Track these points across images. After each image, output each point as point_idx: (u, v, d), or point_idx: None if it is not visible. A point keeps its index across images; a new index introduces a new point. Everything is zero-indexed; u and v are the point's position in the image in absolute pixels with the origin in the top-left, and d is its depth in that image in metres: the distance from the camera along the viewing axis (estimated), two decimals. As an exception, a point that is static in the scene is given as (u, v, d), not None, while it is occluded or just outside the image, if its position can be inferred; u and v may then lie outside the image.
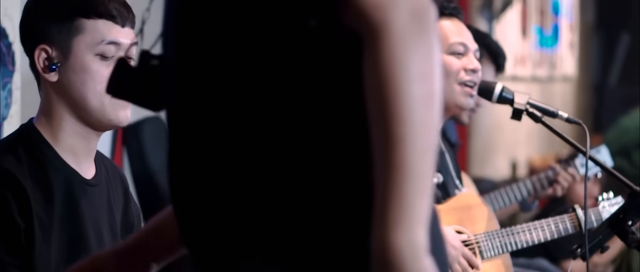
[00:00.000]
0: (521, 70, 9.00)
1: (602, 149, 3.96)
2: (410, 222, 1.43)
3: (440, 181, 3.08)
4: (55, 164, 2.36)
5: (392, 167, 1.44)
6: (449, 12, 3.06)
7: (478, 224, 3.07)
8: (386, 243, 1.43)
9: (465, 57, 3.04)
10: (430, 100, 1.48)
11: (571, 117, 3.00)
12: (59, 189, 2.34)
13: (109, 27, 2.37)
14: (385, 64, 1.46)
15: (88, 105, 2.35)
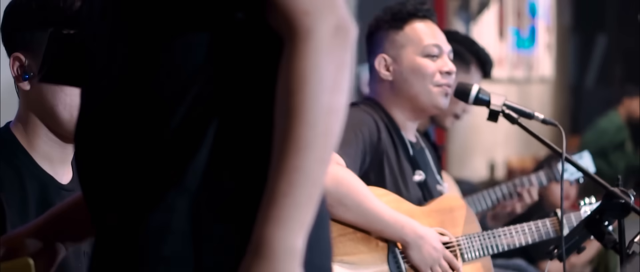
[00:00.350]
0: (498, 72, 9.03)
1: (585, 155, 3.98)
2: (293, 225, 1.50)
3: (422, 178, 3.09)
4: (31, 169, 2.34)
5: (289, 168, 1.51)
6: (422, 14, 3.10)
7: (459, 227, 3.08)
8: (265, 237, 1.49)
9: (440, 59, 3.08)
10: (337, 113, 1.56)
11: (547, 118, 3.02)
12: (34, 194, 2.32)
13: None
14: (302, 68, 1.52)
15: (58, 117, 2.33)
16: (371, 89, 3.15)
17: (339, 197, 2.80)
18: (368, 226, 2.87)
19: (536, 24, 10.34)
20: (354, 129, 2.93)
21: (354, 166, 2.88)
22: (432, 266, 2.93)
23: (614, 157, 8.83)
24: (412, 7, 3.10)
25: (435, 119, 3.94)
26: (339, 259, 2.84)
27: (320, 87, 1.52)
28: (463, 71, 3.88)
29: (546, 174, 3.83)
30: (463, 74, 3.84)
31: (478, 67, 3.92)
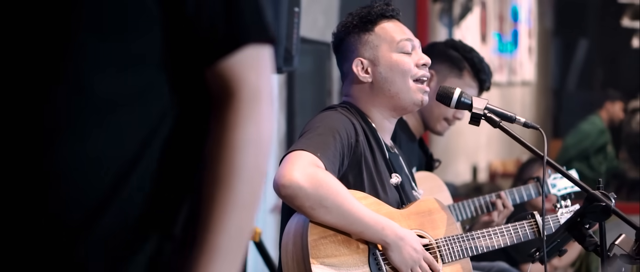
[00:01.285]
0: (483, 76, 9.04)
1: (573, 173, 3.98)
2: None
3: (399, 181, 3.11)
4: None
5: (230, 225, 1.57)
6: (389, 14, 3.14)
7: (439, 229, 3.10)
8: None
9: (414, 53, 3.11)
10: (266, 172, 1.63)
11: (529, 121, 3.04)
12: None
13: None
14: (247, 131, 1.58)
15: None
16: (348, 93, 3.16)
17: (319, 199, 2.81)
18: (348, 228, 2.87)
19: (518, 28, 10.38)
20: (332, 131, 2.94)
21: (333, 169, 2.89)
22: (412, 267, 2.94)
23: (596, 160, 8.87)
24: (379, 9, 3.14)
25: (427, 124, 3.95)
26: (320, 261, 2.85)
27: (261, 150, 1.59)
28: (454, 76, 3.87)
29: (534, 188, 3.84)
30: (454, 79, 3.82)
31: (472, 75, 3.90)
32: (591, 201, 2.93)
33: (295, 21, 4.46)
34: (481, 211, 3.75)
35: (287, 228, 2.95)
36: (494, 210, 3.72)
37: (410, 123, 3.86)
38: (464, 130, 8.81)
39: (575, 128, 9.13)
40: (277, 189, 2.81)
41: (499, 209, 3.72)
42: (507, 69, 10.02)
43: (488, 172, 9.53)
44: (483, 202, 3.76)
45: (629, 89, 10.03)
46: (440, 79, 3.82)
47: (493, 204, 3.73)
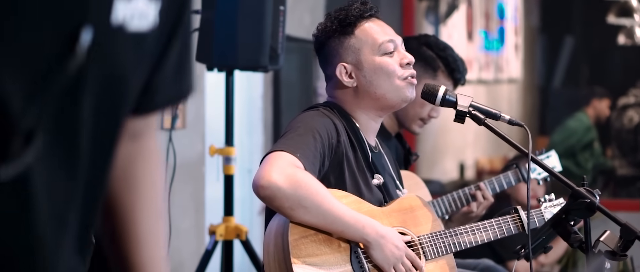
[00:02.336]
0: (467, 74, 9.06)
1: (552, 154, 4.00)
2: None
3: (380, 182, 3.10)
4: None
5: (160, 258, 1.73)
6: (368, 14, 3.11)
7: (422, 226, 3.10)
8: None
9: (397, 53, 3.11)
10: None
11: (513, 119, 3.04)
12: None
13: None
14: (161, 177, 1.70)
15: None
16: (332, 96, 3.15)
17: (298, 200, 2.80)
18: (329, 227, 2.87)
19: (504, 26, 10.40)
20: (313, 132, 2.93)
21: (313, 169, 2.88)
22: (395, 264, 2.94)
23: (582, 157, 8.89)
24: (357, 11, 3.11)
25: (403, 124, 3.94)
26: (302, 261, 2.85)
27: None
28: (428, 77, 3.85)
29: (514, 175, 3.85)
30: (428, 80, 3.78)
31: (446, 74, 3.90)
32: (576, 198, 2.94)
33: (281, 20, 4.46)
34: (461, 204, 3.76)
35: (268, 229, 2.95)
36: (473, 201, 3.73)
37: (385, 122, 3.83)
38: (451, 128, 8.81)
39: (562, 125, 9.15)
40: (256, 190, 2.81)
41: (478, 200, 3.73)
42: (493, 67, 10.04)
43: (475, 169, 9.54)
44: (462, 195, 3.77)
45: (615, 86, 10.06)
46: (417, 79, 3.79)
47: (473, 196, 3.74)
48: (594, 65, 11.96)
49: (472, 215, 3.76)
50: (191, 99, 4.99)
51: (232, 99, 4.52)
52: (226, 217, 4.54)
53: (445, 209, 3.77)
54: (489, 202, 3.78)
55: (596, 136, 9.03)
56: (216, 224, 4.52)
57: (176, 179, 4.60)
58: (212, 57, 4.34)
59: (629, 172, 9.10)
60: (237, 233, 4.51)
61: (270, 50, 4.36)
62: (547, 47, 12.22)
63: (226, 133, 4.53)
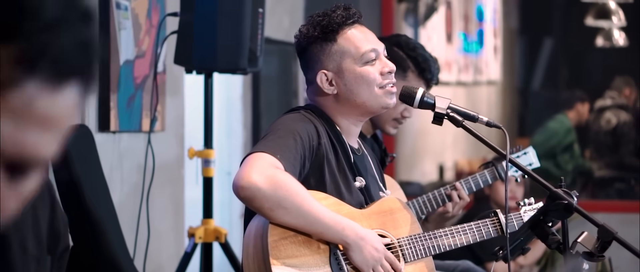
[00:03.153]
0: (446, 76, 9.09)
1: (530, 151, 4.00)
2: None
3: (362, 185, 3.11)
4: None
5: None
6: (351, 21, 3.10)
7: (401, 228, 3.10)
8: None
9: (379, 61, 3.10)
10: None
11: (492, 121, 3.04)
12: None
13: None
14: None
15: None
16: (313, 100, 3.14)
17: (277, 200, 2.80)
18: (308, 229, 2.87)
19: (483, 28, 10.43)
20: (293, 134, 2.93)
21: (293, 170, 2.88)
22: (374, 266, 2.94)
23: (562, 159, 8.92)
24: (339, 17, 3.08)
25: (377, 126, 3.94)
26: (281, 263, 2.85)
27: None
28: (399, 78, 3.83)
29: (490, 173, 3.87)
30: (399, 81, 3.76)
31: (417, 74, 3.89)
32: (553, 199, 2.95)
33: (260, 22, 4.46)
34: (437, 204, 3.77)
35: (247, 230, 2.95)
36: (449, 201, 3.74)
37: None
38: (430, 130, 8.83)
39: (543, 126, 9.18)
40: (236, 191, 2.81)
41: (454, 200, 3.74)
42: (472, 69, 10.06)
43: (454, 171, 9.56)
44: (438, 195, 3.78)
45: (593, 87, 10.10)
46: None
47: (449, 196, 3.75)
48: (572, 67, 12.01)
49: (448, 215, 3.78)
50: (170, 102, 4.99)
51: (211, 102, 4.52)
52: (205, 220, 4.53)
53: (420, 210, 3.77)
54: (465, 202, 3.79)
55: (575, 138, 9.07)
56: (195, 227, 4.51)
57: (155, 182, 4.59)
58: (191, 59, 4.33)
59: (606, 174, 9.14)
60: (217, 236, 4.50)
61: (249, 53, 4.36)
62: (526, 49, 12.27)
63: (205, 135, 4.53)
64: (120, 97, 4.48)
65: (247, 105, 6.01)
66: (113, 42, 4.42)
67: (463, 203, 3.78)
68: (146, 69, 4.68)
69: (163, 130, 4.87)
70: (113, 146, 4.52)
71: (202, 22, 4.27)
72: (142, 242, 4.50)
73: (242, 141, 5.98)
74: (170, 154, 5.02)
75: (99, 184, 4.13)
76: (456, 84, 9.53)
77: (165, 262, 4.96)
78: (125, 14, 4.51)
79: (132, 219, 4.52)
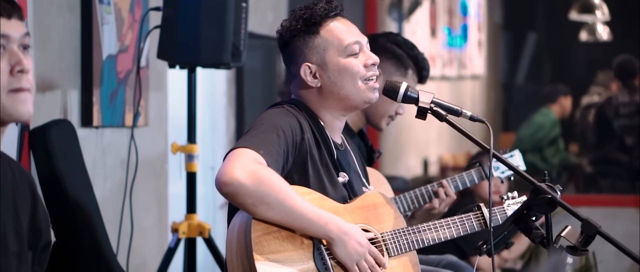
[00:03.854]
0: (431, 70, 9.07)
1: (516, 153, 4.02)
2: None
3: (345, 180, 3.10)
4: None
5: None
6: (334, 13, 3.10)
7: (385, 223, 3.09)
8: None
9: (362, 54, 3.10)
10: None
11: (475, 115, 3.04)
12: None
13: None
14: None
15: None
16: (296, 94, 3.13)
17: (260, 196, 2.79)
18: (292, 224, 2.86)
19: (468, 22, 10.44)
20: (276, 129, 2.92)
21: (276, 166, 2.87)
22: (358, 261, 2.93)
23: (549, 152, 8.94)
24: (322, 10, 3.08)
25: (370, 121, 3.97)
26: (264, 258, 2.84)
27: None
28: (400, 75, 3.91)
29: (477, 173, 3.88)
30: (399, 78, 3.84)
31: (415, 72, 3.96)
32: (537, 193, 2.95)
33: (243, 16, 4.45)
34: (423, 201, 3.79)
35: (231, 225, 2.94)
36: (435, 198, 3.76)
37: (350, 119, 3.84)
38: (414, 124, 8.83)
39: (529, 120, 9.19)
40: (218, 187, 2.80)
41: (441, 197, 3.76)
42: (457, 63, 10.07)
43: (439, 165, 9.57)
44: (425, 192, 3.80)
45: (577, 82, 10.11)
46: (386, 76, 3.82)
47: (435, 193, 3.77)
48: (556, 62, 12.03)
49: (434, 212, 3.78)
50: (153, 96, 4.97)
51: (194, 96, 4.50)
52: (189, 215, 4.52)
53: (407, 206, 3.79)
54: (451, 200, 3.80)
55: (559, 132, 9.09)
56: (179, 222, 4.50)
57: (138, 177, 4.58)
58: (174, 54, 4.32)
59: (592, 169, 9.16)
60: (200, 231, 4.49)
61: (233, 47, 4.35)
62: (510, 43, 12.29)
63: (188, 130, 4.51)
64: (103, 92, 4.46)
65: (231, 100, 6.00)
66: (95, 36, 4.40)
67: (449, 200, 3.79)
68: (129, 64, 4.66)
69: (146, 125, 4.85)
70: (96, 141, 4.50)
71: (185, 16, 4.26)
72: (126, 237, 4.49)
73: (225, 135, 5.97)
74: (154, 149, 5.00)
75: (82, 180, 4.11)
76: (440, 79, 9.53)
77: (148, 258, 4.95)
78: (107, 9, 4.49)
79: (115, 215, 4.50)
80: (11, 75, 2.28)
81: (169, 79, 5.16)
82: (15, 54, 2.30)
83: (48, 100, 4.16)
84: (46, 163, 3.98)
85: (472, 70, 10.75)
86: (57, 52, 4.23)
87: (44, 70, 4.12)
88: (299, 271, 2.88)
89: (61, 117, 4.25)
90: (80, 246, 4.00)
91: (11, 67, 2.29)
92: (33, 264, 2.47)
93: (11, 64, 2.29)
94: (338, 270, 2.93)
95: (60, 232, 3.96)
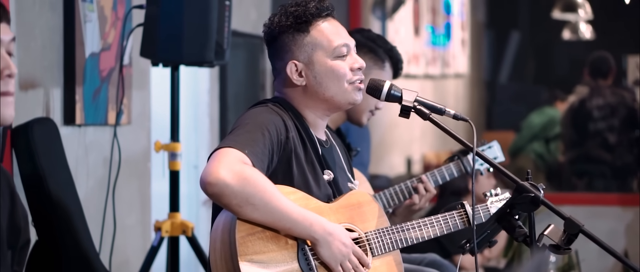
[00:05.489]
0: (414, 68, 9.10)
1: (494, 144, 4.04)
2: None
3: (331, 178, 3.10)
4: None
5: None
6: (325, 13, 3.09)
7: (369, 222, 3.09)
8: None
9: (349, 57, 3.10)
10: None
11: (458, 114, 3.05)
12: None
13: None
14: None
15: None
16: (280, 92, 3.13)
17: (246, 197, 2.79)
18: (276, 225, 2.86)
19: (451, 21, 10.45)
20: (261, 128, 2.92)
21: (261, 165, 2.87)
22: (342, 261, 2.93)
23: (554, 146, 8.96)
24: (314, 9, 3.07)
25: (351, 116, 3.98)
26: (248, 259, 2.83)
27: None
28: (378, 68, 3.95)
29: (456, 167, 3.90)
30: (378, 71, 3.92)
31: (391, 65, 4.01)
32: (520, 192, 2.95)
33: (227, 15, 4.44)
34: (404, 197, 3.82)
35: (215, 225, 2.93)
36: (415, 193, 3.78)
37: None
38: (398, 122, 8.84)
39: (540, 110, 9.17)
40: (203, 187, 2.79)
41: (420, 193, 3.78)
42: (440, 62, 10.08)
43: (422, 164, 9.58)
44: (405, 188, 3.82)
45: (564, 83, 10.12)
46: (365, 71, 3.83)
47: (415, 189, 3.79)
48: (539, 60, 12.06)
49: (415, 208, 3.81)
50: (136, 95, 4.96)
51: (177, 95, 4.49)
52: (172, 214, 4.51)
53: (387, 202, 3.81)
54: (432, 195, 3.82)
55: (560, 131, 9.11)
56: (162, 221, 4.49)
57: (121, 175, 4.56)
58: (157, 52, 4.31)
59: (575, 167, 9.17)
60: (183, 229, 4.48)
61: (216, 46, 4.34)
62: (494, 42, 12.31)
63: (172, 129, 4.50)
64: (86, 90, 4.45)
65: (214, 99, 5.99)
66: (78, 34, 4.38)
67: (429, 195, 3.81)
68: (112, 62, 4.64)
69: (129, 124, 4.84)
70: (78, 139, 4.49)
71: (169, 14, 4.25)
72: (108, 236, 4.47)
73: (208, 134, 5.96)
74: (137, 147, 4.99)
75: (64, 178, 4.10)
76: (424, 77, 9.54)
77: (131, 256, 4.93)
78: (90, 7, 4.47)
79: (98, 213, 4.49)
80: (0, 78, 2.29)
81: (152, 77, 5.15)
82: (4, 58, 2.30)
83: (30, 98, 4.15)
84: (28, 161, 3.96)
85: (456, 68, 10.77)
86: (40, 50, 4.22)
87: (27, 69, 4.10)
88: (283, 271, 2.88)
89: (43, 115, 4.23)
90: (62, 245, 3.98)
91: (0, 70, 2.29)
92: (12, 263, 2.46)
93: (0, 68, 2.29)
94: (322, 270, 2.93)
95: (42, 231, 3.95)
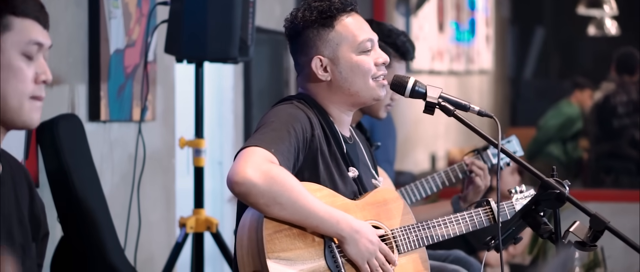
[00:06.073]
0: (438, 65, 9.08)
1: (513, 139, 4.02)
2: None
3: (355, 175, 3.09)
4: None
5: None
6: (350, 8, 3.09)
7: (395, 219, 3.09)
8: None
9: (373, 51, 3.09)
10: None
11: (483, 110, 3.04)
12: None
13: (35, 27, 2.36)
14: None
15: (7, 103, 2.31)
16: (304, 88, 3.12)
17: (273, 196, 2.79)
18: (303, 223, 2.85)
19: (475, 17, 10.42)
20: (287, 126, 2.91)
21: (288, 164, 2.86)
22: (369, 259, 2.93)
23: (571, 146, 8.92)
24: (338, 3, 3.06)
25: (369, 110, 3.96)
26: (275, 256, 2.83)
27: None
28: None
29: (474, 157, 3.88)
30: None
31: (398, 57, 3.92)
32: (545, 189, 2.94)
33: (251, 11, 4.44)
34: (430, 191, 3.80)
35: (242, 222, 2.93)
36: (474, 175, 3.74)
37: None
38: (422, 119, 8.82)
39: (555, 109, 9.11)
40: (230, 187, 2.79)
41: (477, 173, 3.76)
42: (464, 58, 10.06)
43: (447, 160, 9.56)
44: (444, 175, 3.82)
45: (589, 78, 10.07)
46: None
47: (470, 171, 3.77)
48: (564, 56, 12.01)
49: (480, 189, 3.78)
50: (161, 91, 4.97)
51: (201, 91, 4.50)
52: (196, 210, 4.52)
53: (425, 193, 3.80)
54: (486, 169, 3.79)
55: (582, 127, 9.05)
56: (186, 217, 4.50)
57: (146, 172, 4.58)
58: (181, 48, 4.32)
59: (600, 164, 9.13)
60: (208, 225, 4.49)
61: (240, 42, 4.34)
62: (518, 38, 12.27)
63: (196, 125, 4.51)
64: (111, 86, 4.46)
65: (238, 95, 6.00)
66: (103, 31, 4.39)
67: (485, 172, 3.78)
68: (136, 58, 4.66)
69: (154, 120, 4.85)
70: (103, 136, 4.50)
71: (193, 11, 4.25)
72: (133, 232, 4.49)
73: (233, 130, 5.97)
74: (161, 143, 5.00)
75: (89, 174, 4.12)
76: (448, 73, 9.52)
77: (156, 253, 4.95)
78: (115, 3, 4.49)
79: (123, 209, 4.50)
80: (35, 82, 2.32)
81: (176, 74, 5.16)
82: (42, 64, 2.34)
83: (55, 94, 4.16)
84: (54, 158, 3.98)
85: (480, 65, 10.73)
86: (65, 46, 4.23)
87: (52, 65, 4.10)
88: (310, 268, 2.88)
89: (69, 111, 4.25)
90: (87, 241, 4.00)
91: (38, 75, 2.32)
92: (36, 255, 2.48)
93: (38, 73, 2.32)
94: (349, 268, 2.93)
95: (68, 227, 3.96)
